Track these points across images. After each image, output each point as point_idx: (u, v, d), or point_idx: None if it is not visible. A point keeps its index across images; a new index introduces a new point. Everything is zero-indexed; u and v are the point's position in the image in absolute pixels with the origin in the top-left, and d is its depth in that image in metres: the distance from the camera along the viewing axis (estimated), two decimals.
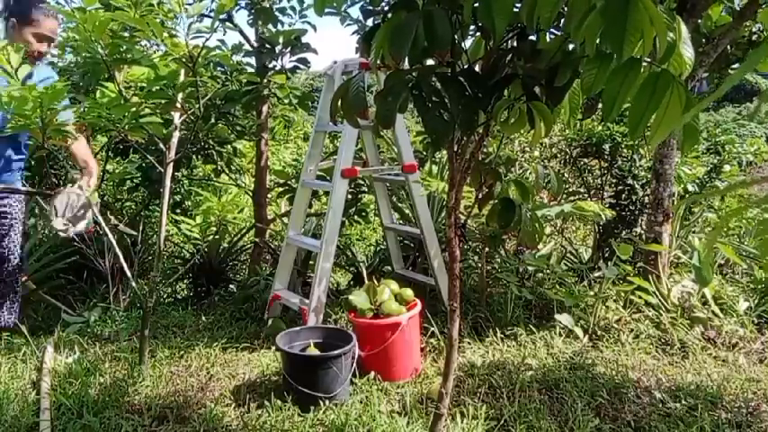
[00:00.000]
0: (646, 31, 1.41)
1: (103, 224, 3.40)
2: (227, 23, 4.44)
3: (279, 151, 9.25)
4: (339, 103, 1.97)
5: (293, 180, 5.06)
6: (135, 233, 4.75)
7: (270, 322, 4.01)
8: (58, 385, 3.18)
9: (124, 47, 3.08)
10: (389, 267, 4.67)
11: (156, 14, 3.04)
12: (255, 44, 4.61)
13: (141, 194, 5.47)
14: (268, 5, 4.46)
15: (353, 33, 4.54)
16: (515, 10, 1.66)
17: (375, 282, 3.55)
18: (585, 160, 5.46)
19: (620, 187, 4.82)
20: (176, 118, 3.47)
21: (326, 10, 4.23)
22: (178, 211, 5.60)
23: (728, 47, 4.24)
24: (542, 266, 4.32)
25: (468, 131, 2.02)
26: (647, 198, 4.56)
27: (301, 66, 4.58)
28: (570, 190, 5.62)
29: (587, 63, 1.59)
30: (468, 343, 3.77)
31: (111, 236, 3.58)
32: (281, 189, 5.27)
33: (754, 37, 4.43)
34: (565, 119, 2.01)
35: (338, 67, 3.83)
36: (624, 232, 4.70)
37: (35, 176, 5.15)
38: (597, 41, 1.50)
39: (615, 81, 1.51)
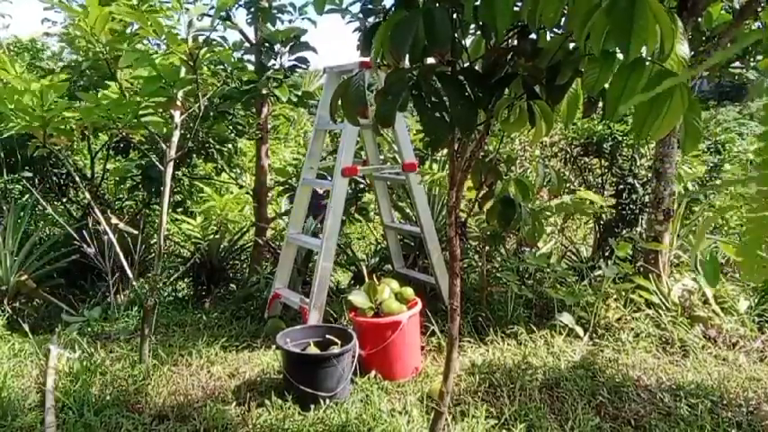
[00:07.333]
0: (650, 29, 1.40)
1: (104, 223, 3.40)
2: (227, 22, 4.43)
3: (279, 150, 9.23)
4: (339, 101, 1.97)
5: (294, 179, 5.06)
6: (135, 232, 4.75)
7: (270, 321, 4.01)
8: (60, 384, 3.18)
9: (125, 44, 3.08)
10: (390, 266, 4.67)
11: (157, 14, 3.03)
12: (255, 43, 4.61)
13: (142, 193, 5.47)
14: (267, 4, 4.45)
15: (355, 30, 4.52)
16: (516, 9, 1.65)
17: (375, 281, 3.55)
18: (586, 159, 5.45)
19: (621, 186, 4.82)
20: (177, 116, 3.47)
21: (327, 7, 4.22)
22: (179, 210, 5.60)
23: (729, 45, 4.22)
24: (543, 265, 4.31)
25: (468, 132, 2.01)
26: (647, 197, 4.56)
27: (300, 65, 4.57)
28: (571, 189, 5.61)
29: (589, 62, 1.58)
30: (469, 342, 3.76)
31: (111, 235, 3.59)
32: (281, 188, 5.26)
33: None
34: (565, 118, 2.01)
35: (338, 68, 3.84)
36: (625, 231, 4.70)
37: (35, 176, 5.15)
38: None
39: (619, 80, 1.51)
